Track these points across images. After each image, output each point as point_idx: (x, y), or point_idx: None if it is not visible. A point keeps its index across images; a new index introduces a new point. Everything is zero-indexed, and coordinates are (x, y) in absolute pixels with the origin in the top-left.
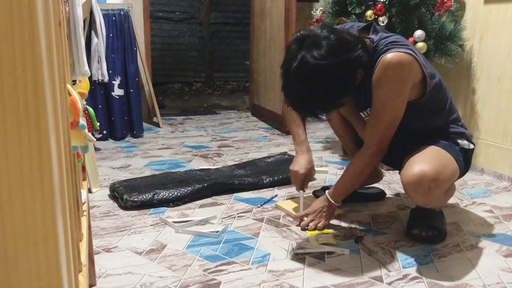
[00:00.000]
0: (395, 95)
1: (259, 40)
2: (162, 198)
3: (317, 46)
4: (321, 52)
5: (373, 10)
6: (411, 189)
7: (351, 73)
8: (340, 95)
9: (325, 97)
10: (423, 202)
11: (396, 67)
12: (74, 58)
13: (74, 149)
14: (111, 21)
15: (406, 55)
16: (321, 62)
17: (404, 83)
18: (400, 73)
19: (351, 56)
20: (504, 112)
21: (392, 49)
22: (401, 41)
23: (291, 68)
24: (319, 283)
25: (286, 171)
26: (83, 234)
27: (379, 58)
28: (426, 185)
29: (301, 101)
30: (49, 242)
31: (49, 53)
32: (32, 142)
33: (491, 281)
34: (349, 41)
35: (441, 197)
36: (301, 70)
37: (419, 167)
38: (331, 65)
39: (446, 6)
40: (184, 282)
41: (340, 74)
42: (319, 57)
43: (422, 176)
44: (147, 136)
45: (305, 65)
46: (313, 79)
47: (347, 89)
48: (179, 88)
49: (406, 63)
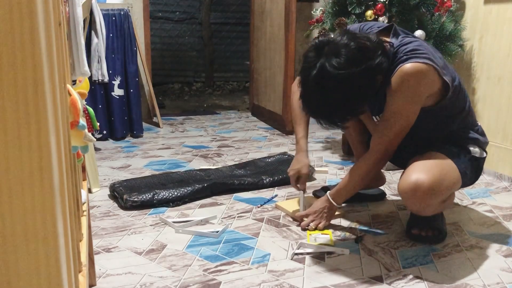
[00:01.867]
0: (408, 105)
1: (259, 40)
2: (162, 198)
3: (336, 55)
4: (341, 61)
5: (373, 10)
6: (405, 197)
7: (371, 81)
8: (360, 103)
9: (345, 106)
10: (417, 211)
11: (413, 78)
12: (74, 58)
13: (74, 149)
14: (111, 21)
15: (425, 65)
16: (340, 72)
17: (418, 95)
18: (416, 85)
19: (372, 64)
20: (504, 112)
21: (411, 59)
22: (421, 50)
23: (310, 76)
24: (319, 283)
25: (286, 171)
26: (83, 234)
27: (398, 66)
28: (421, 195)
29: (320, 110)
30: (49, 242)
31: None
32: (32, 142)
33: (491, 281)
34: (369, 48)
35: (435, 206)
36: (320, 79)
37: (416, 175)
38: (351, 74)
39: (446, 6)
40: (184, 282)
41: (360, 83)
42: (338, 67)
43: (417, 186)
44: (147, 136)
45: (324, 74)
46: (332, 88)
47: (366, 97)
48: (179, 88)
49: (422, 74)
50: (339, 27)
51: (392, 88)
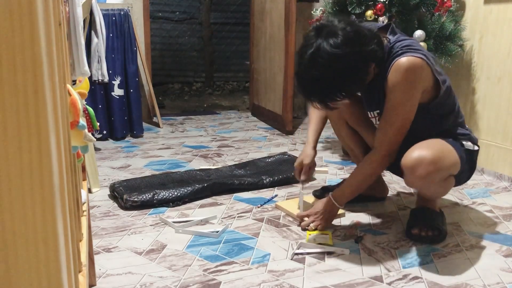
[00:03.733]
0: (406, 98)
1: (259, 40)
2: (162, 198)
3: (334, 35)
4: (337, 41)
5: (373, 10)
6: (409, 172)
7: (363, 65)
8: (350, 85)
9: (337, 85)
10: (420, 186)
11: (409, 71)
12: (74, 58)
13: (74, 149)
14: (111, 21)
15: (420, 60)
16: (336, 50)
17: (415, 87)
18: (413, 77)
19: (366, 49)
20: (504, 112)
21: (406, 53)
22: (416, 46)
23: (306, 54)
24: (319, 283)
25: (286, 171)
26: (83, 234)
27: (394, 60)
28: (424, 167)
29: (312, 87)
30: (49, 242)
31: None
32: (32, 142)
33: (491, 281)
34: (366, 34)
35: (437, 185)
36: (316, 56)
37: (418, 151)
38: (345, 54)
39: (446, 6)
40: (184, 282)
41: (352, 65)
42: (334, 45)
43: (421, 159)
44: (147, 136)
45: (320, 51)
46: (326, 66)
47: (358, 80)
48: (179, 88)
49: (418, 68)
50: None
51: (389, 82)
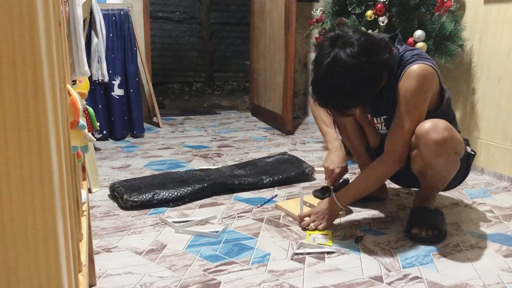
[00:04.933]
0: (418, 103)
1: (259, 40)
2: (162, 198)
3: (350, 45)
4: (354, 50)
5: (373, 10)
6: (424, 137)
7: (378, 73)
8: (366, 93)
9: (352, 93)
10: (435, 153)
11: (422, 77)
12: (74, 58)
13: (74, 149)
14: (111, 21)
15: (430, 67)
16: (352, 60)
17: (426, 93)
18: (424, 84)
19: (381, 58)
20: (504, 112)
21: (417, 61)
22: (424, 55)
23: (323, 63)
24: (319, 283)
25: (286, 171)
26: (83, 234)
27: (406, 68)
28: (440, 132)
29: (329, 95)
30: (49, 242)
31: (49, 53)
32: (32, 142)
33: (491, 281)
34: (379, 44)
35: (447, 160)
36: (333, 66)
37: (431, 121)
38: (362, 63)
39: (446, 6)
40: (184, 282)
41: (368, 74)
42: (351, 55)
43: (435, 125)
44: (147, 136)
45: (337, 61)
46: (343, 75)
47: (372, 88)
48: (179, 88)
49: (430, 75)
50: (339, 27)
51: (402, 88)
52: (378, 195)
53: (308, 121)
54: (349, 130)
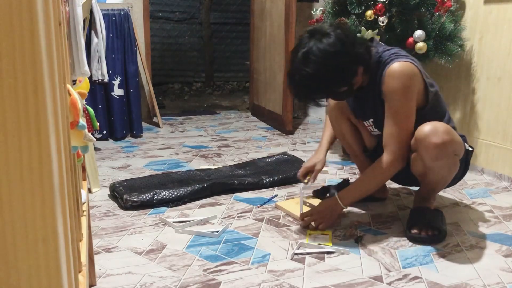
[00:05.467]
0: (406, 101)
1: (259, 40)
2: (162, 198)
3: (326, 35)
4: (330, 40)
5: (373, 10)
6: (424, 141)
7: (352, 66)
8: (339, 84)
9: (326, 83)
10: (435, 156)
11: (403, 75)
12: (74, 58)
13: (74, 149)
14: (111, 21)
15: (410, 64)
16: (328, 47)
17: (411, 89)
18: (408, 80)
19: (355, 50)
20: (504, 112)
21: (396, 59)
22: (403, 53)
23: (299, 53)
24: (319, 283)
25: (286, 171)
26: (83, 234)
27: (386, 68)
28: (440, 135)
29: (302, 84)
30: (49, 242)
31: (49, 53)
32: (32, 142)
33: (491, 281)
34: (355, 37)
35: (447, 162)
36: (308, 54)
37: (431, 124)
38: (336, 52)
39: (446, 6)
40: (184, 282)
41: (342, 64)
42: (326, 43)
43: (435, 129)
44: (147, 136)
45: (313, 50)
46: (317, 63)
47: (346, 80)
48: (179, 88)
49: (410, 71)
50: None
51: (386, 89)
52: (378, 195)
53: (308, 121)
54: (345, 133)
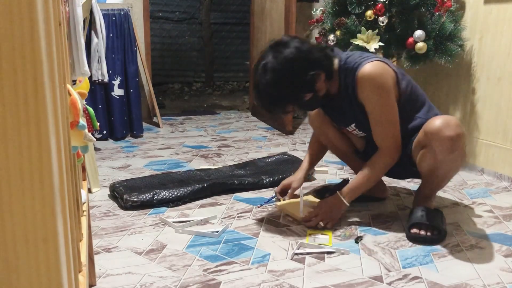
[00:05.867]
0: (384, 99)
1: (259, 40)
2: (162, 198)
3: (282, 46)
4: (286, 49)
5: (373, 10)
6: (438, 134)
7: (310, 71)
8: (300, 90)
9: (286, 89)
10: (450, 149)
11: (374, 75)
12: (74, 58)
13: (74, 149)
14: (111, 21)
15: (377, 62)
16: (284, 56)
17: (386, 86)
18: (380, 79)
19: (312, 56)
20: (504, 112)
21: (362, 63)
22: (366, 54)
23: (260, 65)
24: (319, 283)
25: (286, 171)
26: (83, 234)
27: (356, 73)
28: (453, 128)
29: (265, 93)
30: (49, 242)
31: (49, 53)
32: (32, 142)
33: (491, 281)
34: (313, 46)
35: (461, 153)
36: (267, 65)
37: (442, 118)
38: (292, 59)
39: (446, 6)
40: (184, 282)
41: (299, 70)
42: (283, 52)
43: (447, 122)
44: (147, 136)
45: (270, 60)
46: (275, 70)
47: (307, 86)
48: (179, 88)
49: (380, 69)
50: (339, 27)
51: (362, 93)
52: (378, 195)
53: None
54: (332, 138)
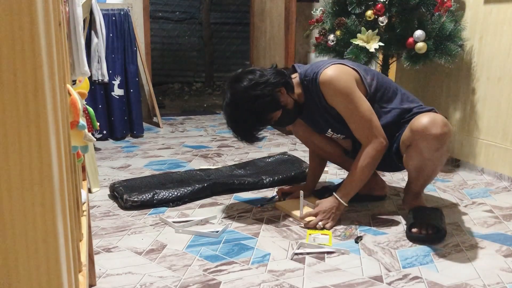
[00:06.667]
0: (351, 97)
1: (259, 40)
2: (162, 198)
3: (237, 81)
4: (242, 82)
5: (373, 10)
6: (424, 133)
7: (268, 89)
8: (267, 109)
9: (254, 116)
10: (436, 147)
11: (333, 78)
12: (74, 58)
13: (74, 149)
14: (111, 21)
15: (331, 65)
16: (241, 85)
17: (348, 85)
18: (340, 81)
19: (264, 79)
20: (504, 112)
21: (319, 71)
22: (322, 62)
23: (224, 103)
24: (319, 283)
25: (286, 171)
26: (83, 234)
27: (316, 83)
28: (439, 127)
29: (237, 125)
30: (49, 242)
31: (49, 53)
32: (32, 142)
33: (491, 281)
34: (259, 69)
35: (446, 149)
36: (229, 99)
37: (428, 116)
38: (246, 87)
39: (446, 6)
40: (184, 282)
41: (258, 91)
42: (239, 86)
43: (434, 120)
44: (147, 136)
45: (230, 94)
46: (237, 99)
47: (271, 104)
48: (179, 88)
49: (337, 71)
50: (339, 27)
51: (329, 100)
52: (377, 192)
53: None
54: (319, 144)
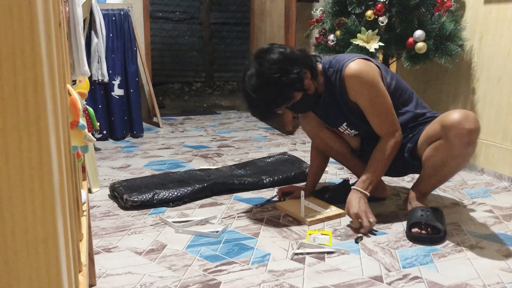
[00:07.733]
0: (375, 90)
1: (259, 40)
2: (162, 198)
3: (267, 52)
4: (272, 54)
5: (373, 10)
6: (457, 127)
7: (295, 68)
8: (290, 87)
9: (275, 91)
10: (467, 142)
11: (360, 70)
12: (74, 58)
13: (74, 149)
14: (111, 21)
15: (359, 59)
16: (269, 58)
17: (374, 78)
18: (366, 73)
19: (295, 56)
20: (504, 112)
21: (345, 63)
22: (348, 55)
23: (248, 72)
24: (319, 283)
25: (286, 171)
26: (83, 234)
27: (342, 72)
28: (472, 122)
29: (259, 97)
30: (49, 242)
31: (49, 53)
32: (32, 142)
33: (491, 281)
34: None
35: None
36: (254, 71)
37: (460, 111)
38: (277, 60)
39: (446, 6)
40: (184, 282)
41: (285, 66)
42: (269, 57)
43: (466, 115)
44: (147, 136)
45: (257, 67)
46: (263, 74)
47: (295, 82)
48: (179, 88)
49: (364, 64)
50: (339, 27)
51: (352, 92)
52: (378, 194)
53: None
54: (328, 140)
